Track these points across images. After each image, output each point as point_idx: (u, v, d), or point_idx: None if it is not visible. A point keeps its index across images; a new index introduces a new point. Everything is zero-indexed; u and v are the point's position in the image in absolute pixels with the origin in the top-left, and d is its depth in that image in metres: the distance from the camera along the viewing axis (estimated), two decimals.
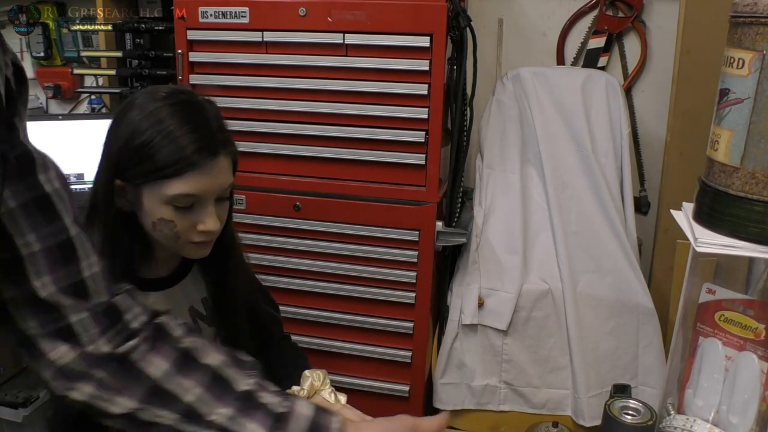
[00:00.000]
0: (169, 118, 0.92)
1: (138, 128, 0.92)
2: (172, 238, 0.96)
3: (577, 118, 1.81)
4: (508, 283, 1.70)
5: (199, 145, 0.92)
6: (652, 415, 1.04)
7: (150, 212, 0.95)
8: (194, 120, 0.94)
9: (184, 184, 0.92)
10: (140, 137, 0.92)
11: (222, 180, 0.96)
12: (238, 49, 1.64)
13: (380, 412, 1.28)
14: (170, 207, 0.93)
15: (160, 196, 0.93)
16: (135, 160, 0.93)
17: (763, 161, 0.95)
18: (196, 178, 0.92)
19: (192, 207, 0.94)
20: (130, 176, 0.94)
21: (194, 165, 0.91)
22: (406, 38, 1.53)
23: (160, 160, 0.91)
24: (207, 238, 0.98)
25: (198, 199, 0.94)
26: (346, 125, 1.62)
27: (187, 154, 0.91)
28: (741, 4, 0.96)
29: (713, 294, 1.06)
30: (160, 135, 0.91)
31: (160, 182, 0.92)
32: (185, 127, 0.92)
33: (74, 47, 2.25)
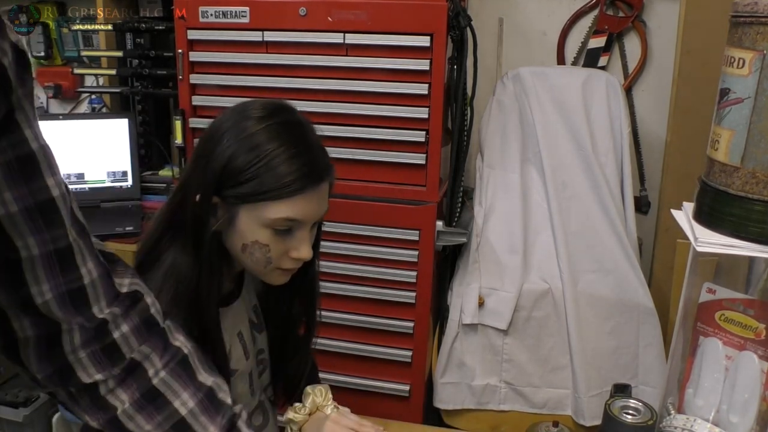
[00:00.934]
0: (276, 140, 0.88)
1: (245, 146, 0.87)
2: (263, 262, 0.92)
3: (577, 117, 1.81)
4: (508, 282, 1.70)
5: (308, 170, 0.88)
6: (653, 415, 1.04)
7: (244, 234, 0.90)
8: (300, 143, 0.90)
9: (289, 208, 0.88)
10: (248, 156, 0.87)
11: (323, 206, 0.93)
12: (239, 48, 1.64)
13: (380, 411, 1.28)
14: (268, 230, 0.89)
15: (259, 218, 0.88)
16: (239, 180, 0.87)
17: (763, 161, 0.95)
18: (301, 203, 0.89)
19: (289, 232, 0.91)
20: (227, 195, 0.89)
21: (301, 190, 0.88)
22: (406, 38, 1.53)
23: (266, 184, 0.87)
24: (297, 266, 0.95)
25: (297, 224, 0.90)
26: (346, 125, 1.62)
27: (295, 179, 0.87)
28: (741, 3, 0.96)
29: (713, 293, 1.06)
30: (269, 157, 0.87)
31: (262, 204, 0.88)
32: (292, 150, 0.88)
33: (74, 47, 2.26)
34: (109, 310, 0.66)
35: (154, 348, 0.70)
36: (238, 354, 1.01)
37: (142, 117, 2.08)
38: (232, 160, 0.87)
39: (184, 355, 0.73)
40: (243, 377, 1.03)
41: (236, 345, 1.01)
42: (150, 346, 0.70)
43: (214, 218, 0.90)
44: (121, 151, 1.92)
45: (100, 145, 1.91)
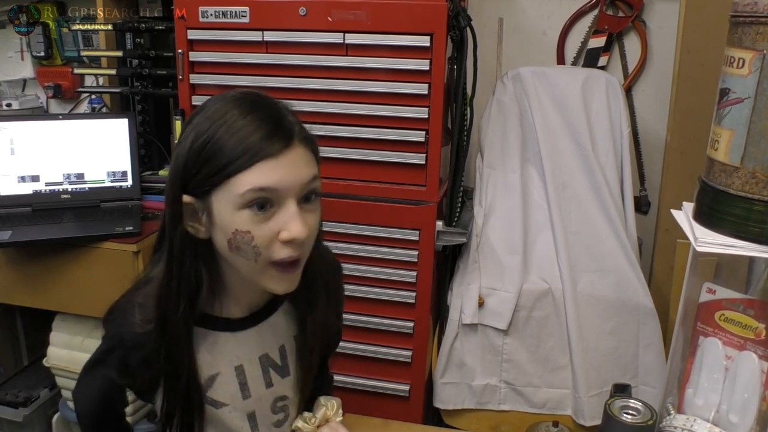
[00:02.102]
0: (233, 110, 0.80)
1: (200, 129, 0.80)
2: (252, 256, 0.80)
3: (577, 117, 1.81)
4: (508, 282, 1.70)
5: (269, 130, 0.78)
6: (653, 415, 1.03)
7: (223, 226, 0.80)
8: (263, 110, 0.81)
9: (257, 175, 0.77)
10: (203, 136, 0.79)
11: (301, 172, 0.80)
12: (239, 48, 1.64)
13: (380, 411, 1.28)
14: (245, 213, 0.78)
15: (231, 199, 0.78)
16: (199, 164, 0.79)
17: (763, 161, 0.95)
18: (270, 168, 0.77)
19: (271, 210, 0.79)
20: (197, 185, 0.80)
21: (265, 152, 0.77)
22: (406, 38, 1.53)
23: (226, 154, 0.77)
24: (293, 252, 0.81)
25: (276, 195, 0.78)
26: (346, 125, 1.62)
27: (256, 140, 0.77)
28: (741, 3, 0.96)
29: (713, 293, 1.06)
30: (224, 128, 0.78)
31: (229, 181, 0.78)
32: (252, 116, 0.79)
33: (74, 47, 2.26)
34: None
35: None
36: (231, 388, 0.93)
37: (142, 117, 2.08)
38: (191, 147, 0.79)
39: None
40: (237, 414, 0.95)
41: (228, 377, 0.93)
42: None
43: (198, 224, 0.83)
44: (121, 151, 1.92)
45: (100, 145, 1.91)
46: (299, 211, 0.80)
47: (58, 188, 1.89)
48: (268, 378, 0.96)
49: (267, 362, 0.96)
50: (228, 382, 0.93)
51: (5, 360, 2.16)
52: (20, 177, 1.86)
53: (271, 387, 0.97)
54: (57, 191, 1.89)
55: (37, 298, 1.80)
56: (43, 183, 1.88)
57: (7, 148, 1.84)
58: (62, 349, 1.84)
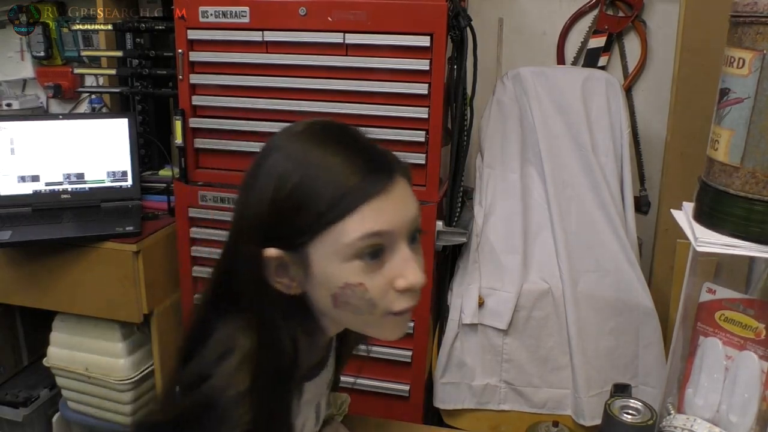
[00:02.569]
0: (317, 148, 0.70)
1: (284, 172, 0.68)
2: (366, 309, 0.71)
3: (577, 117, 1.81)
4: (508, 282, 1.70)
5: (367, 165, 0.69)
6: (653, 415, 1.04)
7: (327, 281, 0.70)
8: (350, 143, 0.72)
9: (365, 219, 0.67)
10: (289, 181, 0.68)
11: (410, 207, 0.72)
12: (239, 48, 1.64)
13: (380, 411, 1.28)
14: (354, 263, 0.68)
15: (337, 249, 0.68)
16: (289, 212, 0.68)
17: (763, 161, 0.95)
18: (377, 208, 0.68)
19: (382, 257, 0.70)
20: (287, 237, 0.69)
21: (370, 192, 0.68)
22: (406, 38, 1.53)
23: (324, 199, 0.67)
24: (412, 302, 0.73)
25: (388, 239, 0.69)
26: None
27: (357, 179, 0.67)
28: (741, 3, 0.96)
29: (713, 293, 1.06)
30: (314, 169, 0.68)
31: (331, 229, 0.67)
32: (342, 152, 0.70)
33: (74, 47, 2.26)
34: None
35: None
36: (310, 427, 0.88)
37: (142, 117, 2.08)
38: (276, 194, 0.68)
39: None
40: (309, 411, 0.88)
41: (310, 417, 0.87)
42: None
43: (287, 279, 0.71)
44: (121, 151, 1.92)
45: (100, 145, 1.91)
46: (412, 254, 0.72)
47: (58, 188, 1.89)
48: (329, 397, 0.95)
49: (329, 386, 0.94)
50: (310, 421, 0.87)
51: (5, 360, 2.16)
52: (20, 177, 1.86)
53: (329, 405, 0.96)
54: (57, 191, 1.89)
55: (37, 298, 1.80)
56: (43, 183, 1.88)
57: (7, 148, 1.84)
58: (62, 349, 1.84)
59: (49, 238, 1.72)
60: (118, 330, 1.79)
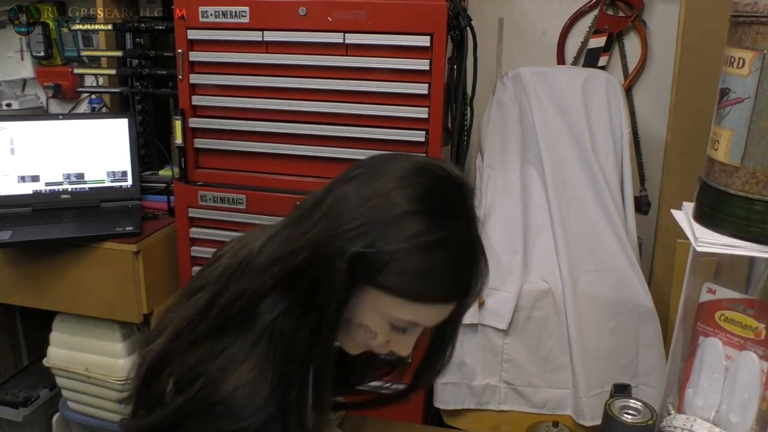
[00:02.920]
0: (437, 247, 0.73)
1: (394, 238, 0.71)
2: (360, 344, 0.83)
3: (577, 117, 1.81)
4: (508, 282, 1.69)
5: (455, 286, 0.78)
6: (653, 415, 1.03)
7: (356, 313, 0.78)
8: (466, 256, 0.79)
9: (418, 313, 0.77)
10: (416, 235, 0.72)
11: (444, 316, 0.83)
12: (239, 48, 1.64)
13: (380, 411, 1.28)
14: (385, 323, 0.78)
15: (382, 310, 0.76)
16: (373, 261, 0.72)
17: (763, 161, 0.95)
18: (431, 311, 0.79)
19: (403, 331, 0.82)
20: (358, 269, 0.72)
21: (445, 300, 0.78)
22: (406, 38, 1.53)
23: (409, 284, 0.73)
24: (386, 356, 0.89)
25: (415, 327, 0.83)
26: (346, 125, 1.62)
27: (442, 292, 0.76)
28: (741, 3, 0.96)
29: (713, 293, 1.06)
30: (422, 260, 0.72)
31: (392, 298, 0.74)
32: (453, 261, 0.76)
33: (74, 47, 2.25)
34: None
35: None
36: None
37: (142, 117, 2.08)
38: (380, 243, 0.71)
39: None
40: None
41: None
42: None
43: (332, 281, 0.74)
44: (121, 151, 1.92)
45: (100, 145, 1.91)
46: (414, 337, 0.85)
47: (58, 188, 1.89)
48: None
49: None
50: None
51: (5, 360, 2.16)
52: (20, 177, 1.86)
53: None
54: (57, 191, 1.89)
55: (37, 298, 1.80)
56: (43, 183, 1.88)
57: (7, 148, 1.84)
58: (62, 349, 1.84)
59: (49, 238, 1.72)
60: (118, 330, 1.79)
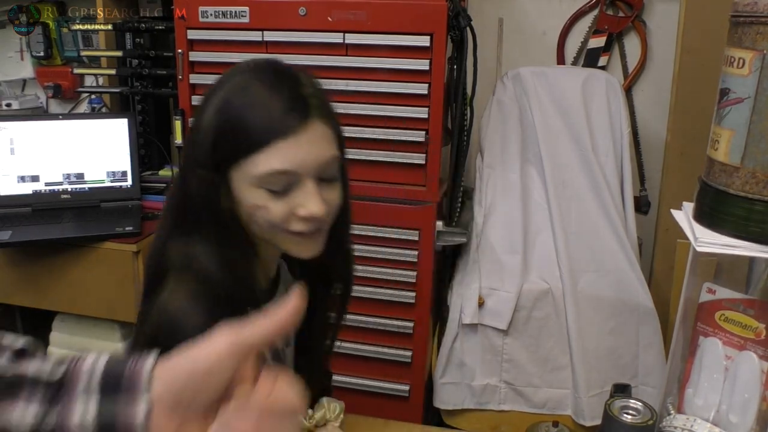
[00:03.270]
0: (255, 83, 0.79)
1: (224, 104, 0.79)
2: (268, 228, 0.81)
3: (577, 117, 1.81)
4: (508, 282, 1.70)
5: (287, 107, 0.77)
6: (653, 415, 1.03)
7: (242, 201, 0.80)
8: (282, 82, 0.80)
9: (273, 158, 0.76)
10: (226, 112, 0.79)
11: (319, 151, 0.79)
12: (239, 48, 1.64)
13: (380, 411, 1.28)
14: (261, 191, 0.78)
15: (248, 178, 0.78)
16: (222, 138, 0.79)
17: (763, 161, 0.95)
18: (286, 147, 0.76)
19: (288, 190, 0.79)
20: (216, 161, 0.79)
21: (283, 132, 0.76)
22: (406, 38, 1.53)
23: (245, 131, 0.77)
24: (311, 227, 0.80)
25: (294, 177, 0.78)
26: (346, 125, 1.61)
27: (273, 119, 0.77)
28: (741, 3, 0.96)
29: (713, 294, 1.06)
30: (245, 103, 0.78)
31: (246, 161, 0.77)
32: (270, 89, 0.78)
33: (74, 47, 2.26)
34: None
35: None
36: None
37: (142, 117, 2.08)
38: (215, 122, 0.79)
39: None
40: None
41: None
42: None
43: (222, 197, 0.80)
44: (121, 151, 1.92)
45: (100, 145, 1.91)
46: (317, 188, 0.79)
47: (58, 188, 1.89)
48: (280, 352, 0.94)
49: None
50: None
51: None
52: (20, 177, 1.86)
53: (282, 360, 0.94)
54: (57, 191, 1.89)
55: (37, 298, 1.80)
56: (43, 183, 1.88)
57: (7, 148, 1.84)
58: (62, 349, 1.84)
59: (49, 238, 1.72)
60: (118, 330, 1.79)
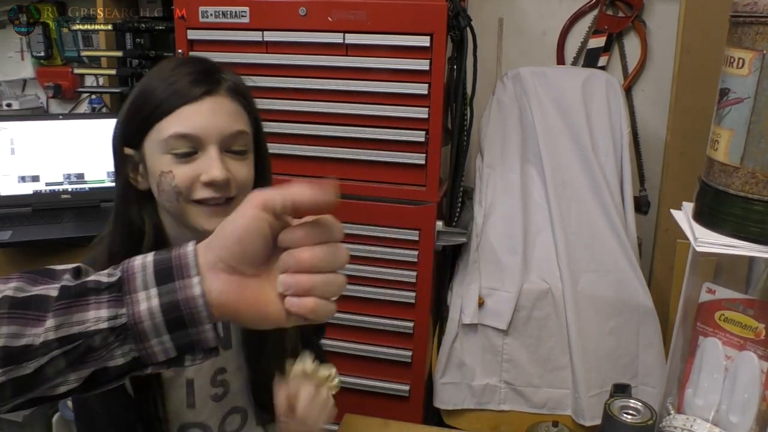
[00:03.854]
0: (170, 63, 0.87)
1: (140, 83, 0.86)
2: (173, 195, 0.82)
3: (577, 117, 1.81)
4: (508, 282, 1.70)
5: (195, 78, 0.83)
6: (652, 415, 1.04)
7: (152, 172, 0.84)
8: (197, 64, 0.86)
9: (177, 121, 0.81)
10: (138, 88, 0.86)
11: (223, 121, 0.83)
12: (239, 48, 1.64)
13: (380, 411, 1.28)
14: (168, 156, 0.82)
15: (157, 144, 0.82)
16: (134, 114, 0.84)
17: (763, 161, 0.95)
18: (190, 112, 0.82)
19: (193, 155, 0.82)
20: (133, 136, 0.84)
21: (187, 96, 0.82)
22: (406, 38, 1.53)
23: (153, 101, 0.82)
24: (214, 194, 0.82)
25: (198, 143, 0.82)
26: (346, 125, 1.62)
27: (181, 86, 0.82)
28: (741, 3, 0.96)
29: (713, 294, 1.06)
30: (157, 79, 0.84)
31: (155, 127, 0.82)
32: (184, 67, 0.85)
33: (74, 47, 2.26)
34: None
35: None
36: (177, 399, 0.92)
37: None
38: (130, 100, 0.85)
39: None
40: (177, 379, 0.92)
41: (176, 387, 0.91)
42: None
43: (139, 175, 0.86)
44: None
45: (100, 145, 1.91)
46: (221, 156, 0.83)
47: (58, 188, 1.89)
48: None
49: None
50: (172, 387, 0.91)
51: None
52: (20, 177, 1.86)
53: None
54: (57, 191, 1.89)
55: None
56: (43, 183, 1.88)
57: (7, 148, 1.84)
58: None
59: (49, 238, 1.72)
60: None
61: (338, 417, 1.20)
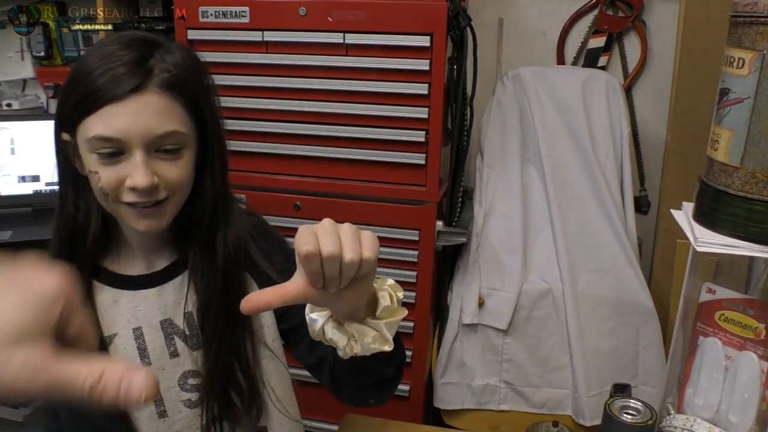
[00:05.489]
0: (108, 46, 0.77)
1: (77, 62, 0.79)
2: (101, 196, 0.79)
3: (577, 117, 1.81)
4: (508, 282, 1.70)
5: (125, 71, 0.74)
6: (652, 415, 1.03)
7: (85, 165, 0.79)
8: (133, 49, 0.77)
9: (99, 123, 0.75)
10: (73, 72, 0.78)
11: (150, 123, 0.75)
12: (239, 48, 1.64)
13: (380, 411, 1.28)
14: (94, 155, 0.77)
15: (84, 141, 0.77)
16: (66, 98, 0.79)
17: (763, 161, 0.95)
18: (111, 113, 0.74)
19: (119, 158, 0.77)
20: (66, 120, 0.79)
21: (111, 97, 0.74)
22: (406, 38, 1.53)
23: (85, 88, 0.75)
24: (140, 199, 0.77)
25: (119, 145, 0.76)
26: (346, 125, 1.62)
27: (105, 81, 0.74)
28: (741, 3, 0.96)
29: (713, 293, 1.06)
30: (98, 59, 0.76)
31: (83, 123, 0.76)
32: (117, 54, 0.76)
33: (75, 47, 2.25)
34: None
35: None
36: (129, 352, 0.85)
37: None
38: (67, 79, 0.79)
39: None
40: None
41: (126, 339, 0.85)
42: None
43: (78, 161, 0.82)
44: None
45: None
46: (146, 160, 0.76)
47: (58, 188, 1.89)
48: (172, 346, 0.86)
49: (171, 329, 0.87)
50: (126, 344, 0.85)
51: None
52: (20, 177, 1.86)
53: (177, 357, 0.86)
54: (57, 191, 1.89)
55: None
56: (43, 183, 1.88)
57: (7, 148, 1.84)
58: None
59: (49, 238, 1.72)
60: None
61: (338, 417, 1.21)
